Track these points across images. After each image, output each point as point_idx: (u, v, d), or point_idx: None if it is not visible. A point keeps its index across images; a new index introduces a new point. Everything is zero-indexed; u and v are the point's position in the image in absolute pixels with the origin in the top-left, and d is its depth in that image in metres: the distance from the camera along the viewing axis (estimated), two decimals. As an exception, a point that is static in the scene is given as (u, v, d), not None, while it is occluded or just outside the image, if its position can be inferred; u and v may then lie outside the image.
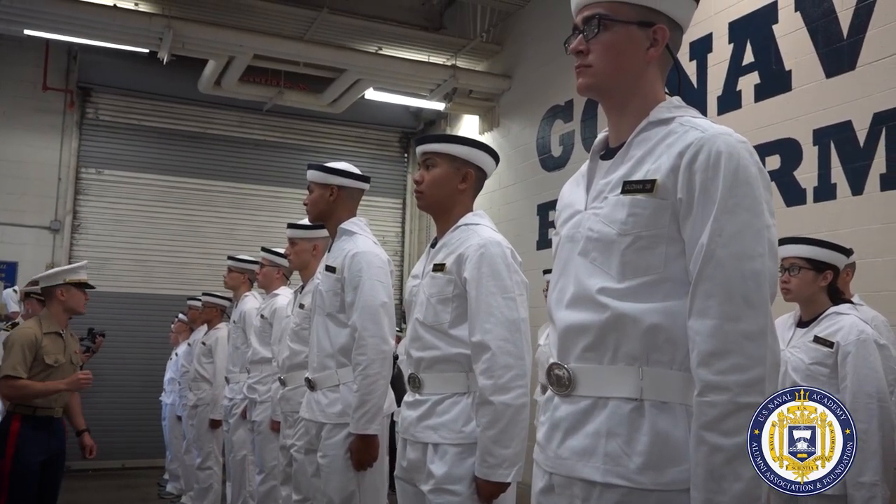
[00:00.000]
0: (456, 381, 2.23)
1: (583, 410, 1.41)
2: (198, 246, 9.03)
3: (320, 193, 3.06)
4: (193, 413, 5.98)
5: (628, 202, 1.39)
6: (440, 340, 2.24)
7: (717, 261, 1.29)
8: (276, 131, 9.47)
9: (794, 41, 4.74)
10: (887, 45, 4.15)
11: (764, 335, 1.27)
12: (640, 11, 1.44)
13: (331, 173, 3.07)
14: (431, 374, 2.27)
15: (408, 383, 2.35)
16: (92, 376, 3.77)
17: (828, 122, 4.47)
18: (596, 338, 1.40)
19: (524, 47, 7.84)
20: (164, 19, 6.90)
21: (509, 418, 2.08)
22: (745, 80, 5.08)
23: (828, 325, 2.77)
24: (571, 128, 6.98)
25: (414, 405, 2.30)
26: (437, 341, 2.25)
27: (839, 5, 4.45)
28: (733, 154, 1.32)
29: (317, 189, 3.07)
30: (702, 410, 1.27)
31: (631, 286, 1.38)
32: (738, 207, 1.30)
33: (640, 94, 1.47)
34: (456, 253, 2.26)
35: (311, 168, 3.13)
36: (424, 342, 2.28)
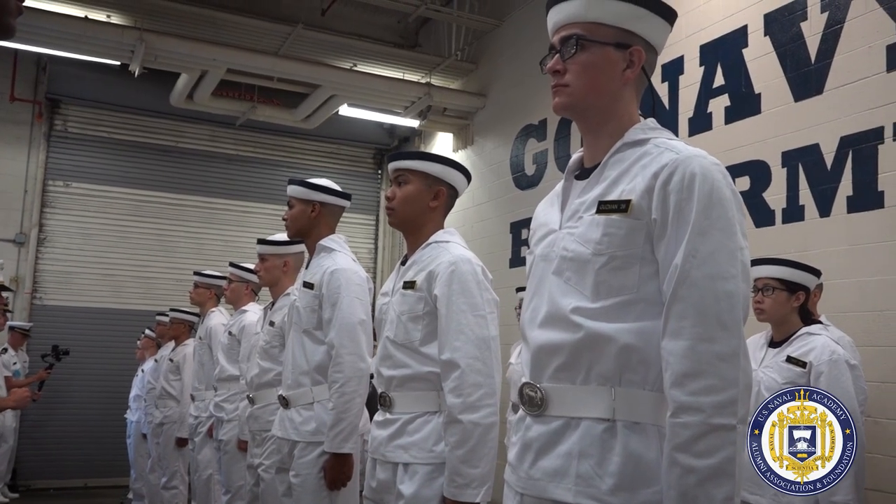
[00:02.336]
0: (427, 399, 2.21)
1: (555, 431, 1.40)
2: (166, 260, 8.92)
3: (302, 209, 3.02)
4: (159, 431, 5.87)
5: (603, 222, 1.39)
6: (410, 358, 2.22)
7: (692, 281, 1.29)
8: (247, 146, 9.42)
9: (763, 65, 4.82)
10: (854, 70, 4.23)
11: (737, 356, 1.27)
12: (617, 33, 1.45)
13: (314, 189, 3.04)
14: (402, 392, 2.25)
15: (378, 402, 2.32)
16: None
17: (796, 145, 4.54)
18: (569, 357, 1.39)
19: (498, 66, 7.89)
20: (137, 32, 6.83)
21: (478, 437, 2.06)
22: (715, 103, 5.15)
23: (800, 345, 2.80)
24: (545, 147, 7.02)
25: (384, 424, 2.27)
26: (407, 359, 2.23)
27: (807, 31, 4.54)
28: (707, 176, 1.33)
29: (298, 205, 3.03)
30: (675, 432, 1.26)
31: (605, 306, 1.37)
32: (712, 229, 1.30)
33: (615, 114, 1.48)
34: (426, 270, 2.25)
35: (292, 183, 3.08)
36: (395, 360, 2.26)
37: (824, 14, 4.43)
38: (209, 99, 8.07)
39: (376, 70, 8.20)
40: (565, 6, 1.48)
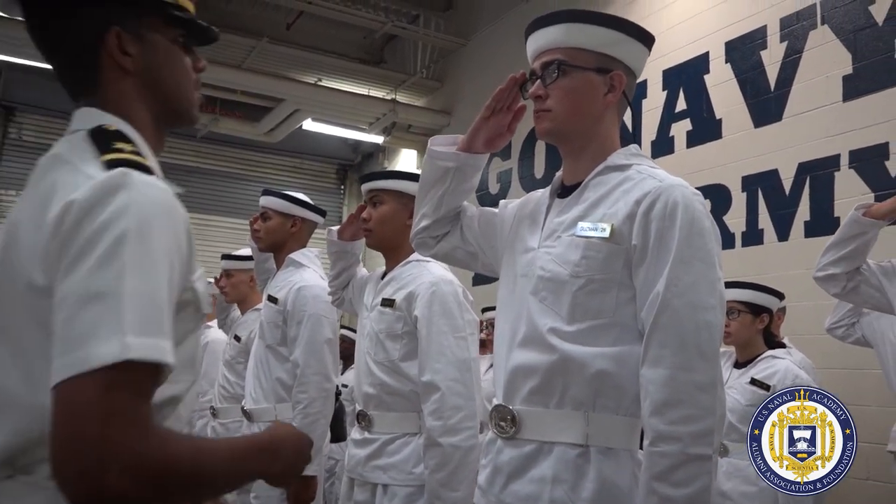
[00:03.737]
0: (407, 420, 2.20)
1: (527, 455, 1.40)
2: (122, 273, 8.72)
3: (280, 223, 2.96)
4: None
5: (583, 244, 1.40)
6: (390, 377, 2.20)
7: (673, 310, 1.31)
8: (208, 158, 9.29)
9: (724, 91, 4.93)
10: (812, 98, 4.36)
11: (714, 386, 1.29)
12: (598, 58, 1.47)
13: (296, 204, 2.98)
14: (382, 412, 2.23)
15: (357, 420, 2.29)
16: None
17: (756, 170, 4.64)
18: (543, 380, 1.39)
19: (464, 85, 7.94)
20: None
21: (458, 460, 2.05)
22: (677, 127, 5.25)
23: (764, 367, 2.86)
24: (509, 166, 7.07)
25: (363, 444, 2.24)
26: (386, 377, 2.21)
27: (767, 59, 4.66)
28: (689, 206, 1.35)
29: (276, 217, 2.96)
30: (653, 461, 1.27)
31: (580, 329, 1.38)
32: (693, 259, 1.32)
33: (597, 138, 1.50)
34: (406, 290, 2.24)
35: (270, 194, 3.01)
36: (375, 378, 2.24)
37: (783, 43, 4.56)
38: (171, 110, 7.95)
39: (341, 85, 8.18)
40: (546, 32, 1.49)
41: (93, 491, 0.75)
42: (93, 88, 1.06)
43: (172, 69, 1.10)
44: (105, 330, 0.78)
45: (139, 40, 1.06)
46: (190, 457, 0.84)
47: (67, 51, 1.06)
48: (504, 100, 1.52)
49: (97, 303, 0.79)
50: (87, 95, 1.07)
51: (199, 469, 0.85)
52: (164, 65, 1.08)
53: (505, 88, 1.50)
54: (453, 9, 8.17)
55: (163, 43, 1.08)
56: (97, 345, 0.77)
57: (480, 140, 1.57)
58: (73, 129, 1.03)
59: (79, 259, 0.82)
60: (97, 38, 1.04)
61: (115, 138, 0.97)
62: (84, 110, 1.05)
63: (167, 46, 1.09)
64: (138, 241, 0.84)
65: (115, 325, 0.79)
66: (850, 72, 4.16)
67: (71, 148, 0.97)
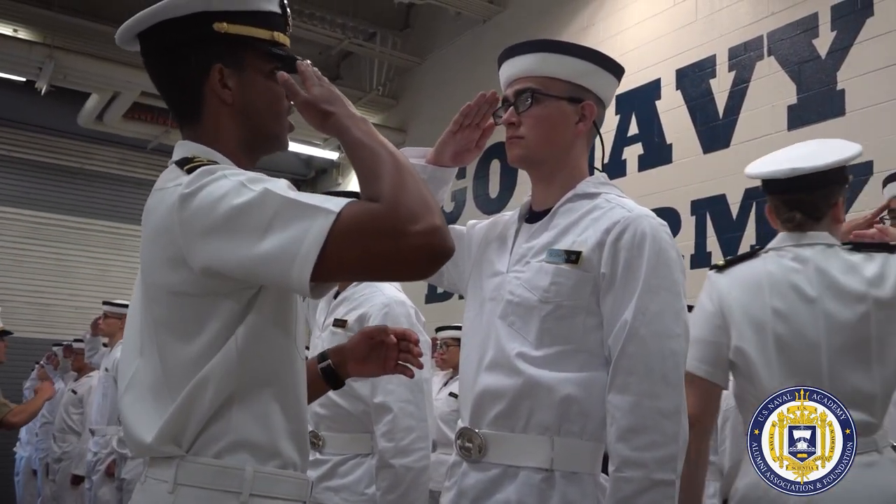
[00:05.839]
0: (359, 441, 2.18)
1: (492, 479, 1.40)
2: (66, 287, 8.50)
3: None
4: (56, 468, 5.54)
5: (552, 270, 1.41)
6: (342, 397, 2.19)
7: (640, 339, 1.33)
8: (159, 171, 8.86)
9: (675, 117, 5.05)
10: (758, 126, 4.49)
11: (678, 413, 1.32)
12: (570, 88, 1.50)
13: None
14: (333, 433, 2.21)
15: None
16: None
17: (704, 195, 4.76)
18: (510, 404, 1.40)
19: (420, 103, 7.97)
20: (47, 49, 6.57)
21: (410, 481, 2.05)
22: (629, 150, 5.35)
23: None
24: (464, 185, 7.11)
25: (314, 464, 2.22)
26: (338, 398, 2.19)
27: (716, 87, 4.80)
28: (656, 237, 1.38)
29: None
30: (618, 486, 1.29)
31: (548, 354, 1.39)
32: (660, 288, 1.35)
33: (567, 166, 1.52)
34: (359, 311, 2.23)
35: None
36: (326, 398, 2.21)
37: (732, 73, 4.70)
38: (120, 121, 7.81)
39: (296, 100, 8.13)
40: (520, 60, 1.52)
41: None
42: (196, 118, 1.19)
43: (266, 100, 1.20)
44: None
45: (238, 74, 1.18)
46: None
47: (177, 85, 1.19)
48: (472, 116, 1.53)
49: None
50: (190, 124, 1.20)
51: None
52: (259, 96, 1.19)
53: (473, 105, 1.52)
54: (410, 27, 8.22)
55: (259, 76, 1.19)
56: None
57: (447, 154, 1.58)
58: (171, 162, 1.17)
59: (211, 226, 1.01)
60: (202, 73, 1.16)
61: (193, 161, 1.11)
62: (179, 144, 1.20)
63: (262, 79, 1.19)
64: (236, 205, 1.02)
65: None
66: (795, 102, 4.31)
67: (166, 176, 1.13)
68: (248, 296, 1.08)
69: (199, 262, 1.02)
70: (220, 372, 1.05)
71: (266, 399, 1.09)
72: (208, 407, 1.05)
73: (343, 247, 0.95)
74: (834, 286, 1.71)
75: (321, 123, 1.14)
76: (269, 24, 1.20)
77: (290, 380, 1.14)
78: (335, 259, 0.95)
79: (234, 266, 1.00)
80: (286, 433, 1.11)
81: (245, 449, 1.07)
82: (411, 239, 0.94)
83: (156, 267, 1.09)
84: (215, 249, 1.00)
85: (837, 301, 1.70)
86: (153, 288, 1.10)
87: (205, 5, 1.14)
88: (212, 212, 1.01)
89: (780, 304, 1.73)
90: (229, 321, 1.06)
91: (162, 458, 1.07)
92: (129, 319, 1.18)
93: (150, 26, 1.18)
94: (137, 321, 1.14)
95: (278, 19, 1.22)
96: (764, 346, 1.72)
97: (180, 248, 1.03)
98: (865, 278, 1.70)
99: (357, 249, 0.96)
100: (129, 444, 1.12)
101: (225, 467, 1.05)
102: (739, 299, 1.77)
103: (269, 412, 1.09)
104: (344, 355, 1.43)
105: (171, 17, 1.15)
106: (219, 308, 1.06)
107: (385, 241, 0.95)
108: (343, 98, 1.14)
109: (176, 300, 1.07)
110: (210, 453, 1.05)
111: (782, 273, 1.76)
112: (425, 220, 0.95)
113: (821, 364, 1.66)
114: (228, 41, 1.16)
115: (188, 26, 1.15)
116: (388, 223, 0.95)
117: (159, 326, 1.08)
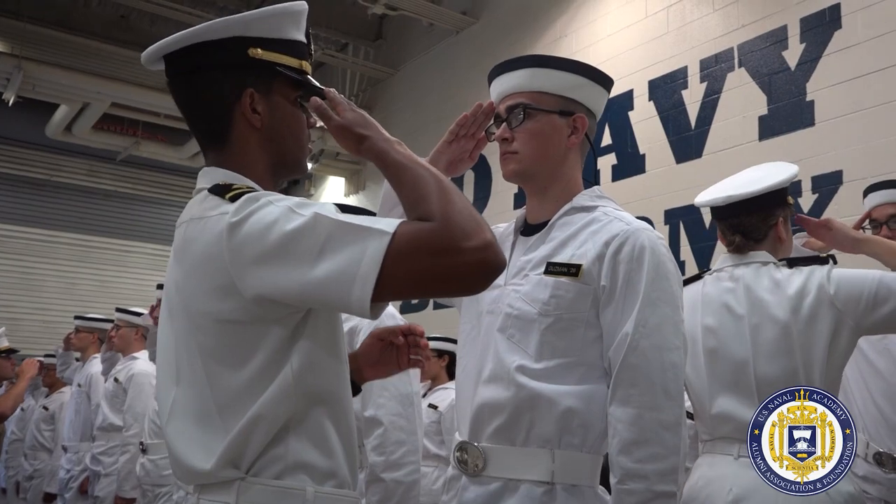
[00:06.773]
0: None
1: (492, 493, 1.40)
2: (32, 301, 8.34)
3: None
4: (27, 486, 5.42)
5: (552, 283, 1.42)
6: None
7: (641, 351, 1.35)
8: (128, 182, 9.03)
9: (647, 127, 5.12)
10: (730, 137, 4.57)
11: (679, 425, 1.33)
12: (561, 101, 1.52)
13: None
14: None
15: None
16: None
17: (677, 204, 4.82)
18: (510, 417, 1.41)
19: (393, 114, 7.97)
20: (15, 59, 6.47)
21: (400, 495, 2.04)
22: (603, 161, 5.41)
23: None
24: (438, 195, 7.13)
25: None
26: None
27: (687, 98, 4.87)
28: (655, 250, 1.41)
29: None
30: (620, 498, 1.31)
31: (548, 367, 1.40)
32: (660, 301, 1.37)
33: (561, 179, 1.54)
34: (348, 324, 2.22)
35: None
36: None
37: (703, 84, 4.78)
38: (89, 132, 7.71)
39: (269, 111, 8.09)
40: (510, 76, 1.53)
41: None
42: (223, 142, 1.20)
43: (292, 125, 1.23)
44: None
45: (267, 100, 1.20)
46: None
47: (207, 107, 1.20)
48: (467, 126, 1.55)
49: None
50: (215, 148, 1.21)
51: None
52: (285, 122, 1.22)
53: (470, 115, 1.54)
54: (383, 38, 8.23)
55: (285, 102, 1.22)
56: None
57: (442, 164, 1.59)
58: (197, 189, 1.18)
59: (267, 252, 1.02)
60: (234, 98, 1.18)
61: (233, 188, 1.12)
62: (204, 170, 1.21)
63: (289, 105, 1.22)
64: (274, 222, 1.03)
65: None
66: (766, 112, 4.40)
67: (205, 205, 1.13)
68: (296, 321, 1.09)
69: (252, 289, 1.03)
70: (278, 398, 1.06)
71: (322, 421, 1.11)
72: (267, 432, 1.06)
73: (400, 266, 0.97)
74: (758, 303, 1.85)
75: (357, 147, 1.16)
76: (297, 52, 1.23)
77: (343, 400, 1.16)
78: (393, 279, 0.97)
79: (290, 292, 1.02)
80: (341, 453, 1.13)
81: (304, 470, 1.08)
82: (466, 255, 0.97)
83: (201, 296, 1.09)
84: (269, 276, 1.01)
85: (762, 317, 1.83)
86: (198, 316, 1.09)
87: (242, 30, 1.17)
88: (263, 239, 1.02)
89: (712, 321, 1.90)
90: (279, 347, 1.07)
91: (219, 483, 1.07)
92: (161, 348, 1.18)
93: (182, 48, 1.19)
94: (171, 349, 1.14)
95: (304, 48, 1.25)
96: (696, 359, 1.89)
97: (230, 276, 1.04)
98: (788, 295, 1.82)
99: (414, 268, 0.98)
100: (180, 472, 1.12)
101: (287, 488, 1.07)
102: None
103: (325, 434, 1.11)
104: (357, 362, 1.43)
105: (206, 39, 1.17)
106: (268, 335, 1.07)
107: (441, 258, 0.97)
108: (375, 123, 1.17)
109: (224, 328, 1.08)
110: (270, 475, 1.07)
111: (717, 293, 1.93)
112: (478, 237, 0.97)
113: (749, 376, 1.80)
114: (260, 67, 1.18)
115: (222, 50, 1.17)
116: (443, 241, 0.97)
117: (205, 355, 1.09)
